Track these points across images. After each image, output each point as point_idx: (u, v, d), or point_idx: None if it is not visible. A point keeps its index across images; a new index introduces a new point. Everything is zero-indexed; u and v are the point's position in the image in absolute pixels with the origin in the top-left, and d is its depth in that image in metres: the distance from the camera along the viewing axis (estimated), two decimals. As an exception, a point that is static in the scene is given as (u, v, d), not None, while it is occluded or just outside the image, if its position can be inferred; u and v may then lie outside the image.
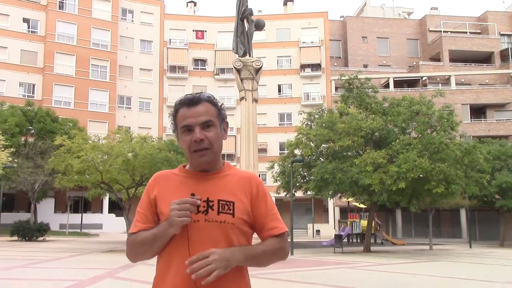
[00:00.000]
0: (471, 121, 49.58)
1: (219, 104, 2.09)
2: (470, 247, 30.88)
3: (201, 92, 2.08)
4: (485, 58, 56.38)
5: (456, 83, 51.86)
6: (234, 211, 1.97)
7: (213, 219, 1.95)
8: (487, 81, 53.57)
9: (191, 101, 2.02)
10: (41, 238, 31.08)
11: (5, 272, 13.53)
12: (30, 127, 37.67)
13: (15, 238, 30.41)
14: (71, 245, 27.31)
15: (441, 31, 57.01)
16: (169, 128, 47.75)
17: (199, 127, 1.98)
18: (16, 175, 32.82)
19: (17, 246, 25.83)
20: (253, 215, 2.03)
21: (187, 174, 2.07)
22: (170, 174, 2.11)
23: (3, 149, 28.43)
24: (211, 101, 2.06)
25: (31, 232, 30.36)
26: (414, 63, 56.71)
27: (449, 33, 56.79)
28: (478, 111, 51.47)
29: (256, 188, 2.06)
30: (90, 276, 12.38)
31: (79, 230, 41.84)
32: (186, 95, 2.08)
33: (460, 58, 55.49)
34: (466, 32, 57.63)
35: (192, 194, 1.91)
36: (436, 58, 56.05)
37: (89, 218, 45.12)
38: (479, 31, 58.66)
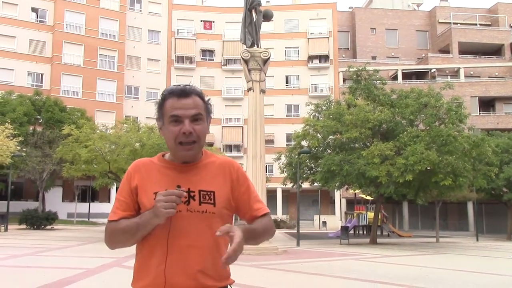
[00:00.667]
0: (479, 113, 49.26)
1: (207, 99, 2.09)
2: (477, 240, 30.81)
3: (188, 85, 2.07)
4: (495, 51, 55.88)
5: (465, 76, 51.49)
6: (215, 201, 2.00)
7: (195, 209, 1.97)
8: (496, 73, 53.13)
9: (182, 92, 2.01)
10: (49, 227, 31.34)
11: (14, 260, 13.67)
12: (39, 117, 37.85)
13: (24, 226, 30.70)
14: (79, 233, 27.51)
15: (450, 22, 56.54)
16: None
17: (188, 120, 1.98)
18: (25, 164, 33.03)
19: (25, 234, 26.05)
20: (234, 200, 2.07)
21: (167, 165, 2.06)
22: (150, 163, 2.10)
23: (11, 138, 28.58)
24: (200, 94, 2.06)
25: (39, 220, 30.63)
26: (423, 55, 56.31)
27: (458, 25, 56.30)
28: (487, 104, 51.12)
29: (236, 174, 2.09)
30: (97, 265, 12.48)
31: (86, 219, 42.14)
32: (174, 85, 2.08)
33: (470, 50, 55.03)
34: (476, 24, 57.10)
35: (178, 186, 1.91)
36: (445, 50, 55.62)
37: (97, 207, 45.38)
38: (489, 23, 58.10)
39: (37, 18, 47.38)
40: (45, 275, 10.25)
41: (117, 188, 39.47)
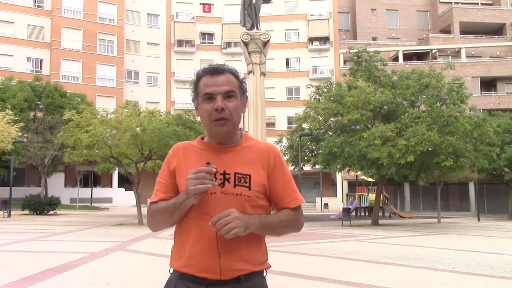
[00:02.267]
0: (481, 94, 49.10)
1: (241, 78, 2.09)
2: (478, 220, 30.93)
3: (223, 65, 2.08)
4: (496, 30, 55.49)
5: (466, 56, 51.19)
6: (251, 184, 1.98)
7: (229, 191, 1.96)
8: (498, 53, 52.84)
9: (215, 70, 2.02)
10: (52, 212, 31.51)
11: (18, 245, 13.76)
12: (39, 102, 37.82)
13: (27, 212, 30.86)
14: (81, 218, 27.66)
15: (451, 2, 56.05)
16: (177, 102, 47.64)
17: (221, 96, 1.98)
18: (26, 150, 33.11)
19: (28, 219, 26.20)
20: (269, 187, 2.04)
21: (205, 147, 2.07)
22: (189, 145, 2.11)
23: (12, 124, 28.61)
24: (234, 73, 2.06)
25: (42, 206, 30.79)
26: (424, 36, 55.94)
27: (460, 4, 55.85)
28: (488, 84, 50.92)
29: (274, 160, 2.06)
30: (101, 249, 12.56)
31: (89, 204, 42.34)
32: (209, 65, 2.08)
33: (471, 30, 54.63)
34: (477, 4, 56.64)
35: (208, 163, 1.91)
36: (447, 30, 55.24)
37: (99, 192, 45.58)
38: (491, 2, 57.62)
39: (35, 3, 47.07)
40: (49, 259, 10.33)
41: (119, 173, 39.73)
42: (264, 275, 2.08)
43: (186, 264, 1.96)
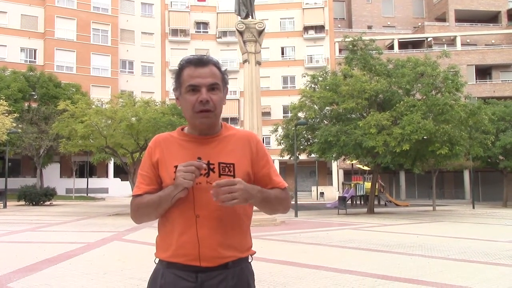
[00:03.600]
0: (476, 82, 49.15)
1: (224, 69, 2.10)
2: (473, 207, 31.10)
3: (205, 55, 2.08)
4: (491, 18, 55.42)
5: (461, 44, 51.16)
6: (235, 173, 2.00)
7: (215, 181, 1.95)
8: (493, 41, 52.83)
9: (199, 61, 2.02)
10: (48, 203, 31.47)
11: (14, 235, 13.75)
12: (33, 93, 37.62)
13: (22, 202, 30.80)
14: (77, 209, 27.65)
15: (447, -10, 55.86)
16: (172, 92, 47.92)
17: (205, 88, 1.99)
18: (21, 140, 32.99)
19: (24, 210, 26.17)
20: (254, 173, 2.07)
21: (187, 138, 2.07)
22: (169, 137, 2.11)
23: (7, 114, 28.46)
24: (217, 64, 2.07)
25: (38, 196, 30.74)
26: (419, 24, 55.84)
27: (455, -8, 55.65)
28: (483, 72, 50.96)
29: (256, 147, 2.09)
30: (97, 239, 12.57)
31: (85, 195, 42.31)
32: (191, 55, 2.09)
33: (466, 18, 54.54)
34: (472, -9, 56.45)
35: (199, 158, 1.93)
36: (442, 19, 55.13)
37: (95, 182, 45.52)
38: (486, -10, 57.44)
39: (28, -8, 46.63)
40: (45, 250, 10.33)
41: (114, 163, 39.73)
42: (249, 260, 2.12)
43: (173, 254, 1.98)
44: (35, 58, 45.78)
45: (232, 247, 2.00)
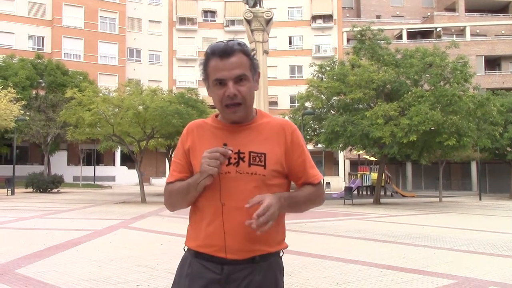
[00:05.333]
0: (485, 73, 48.78)
1: (252, 54, 2.01)
2: (480, 199, 31.01)
3: (233, 40, 1.99)
4: (501, 8, 54.88)
5: (471, 34, 50.72)
6: (266, 163, 1.94)
7: (244, 171, 1.92)
8: (503, 31, 52.31)
9: (224, 52, 1.92)
10: (55, 190, 31.68)
11: (22, 222, 13.86)
12: (41, 80, 37.73)
13: (30, 190, 31.03)
14: (85, 196, 27.82)
15: (457, -21, 55.32)
16: (179, 81, 47.48)
17: (232, 81, 1.91)
18: (29, 128, 33.13)
19: (32, 197, 26.37)
20: (287, 164, 2.00)
21: (219, 125, 2.03)
22: (203, 124, 2.07)
23: (14, 102, 28.57)
24: (244, 51, 1.97)
25: (46, 184, 30.95)
26: (429, 14, 55.38)
27: (465, -19, 55.11)
28: (492, 63, 50.55)
29: (291, 136, 2.02)
30: (104, 226, 12.64)
31: (92, 182, 42.54)
32: (218, 42, 1.98)
33: (476, 8, 54.03)
34: (483, -19, 55.87)
35: (225, 144, 1.88)
36: (451, 9, 54.64)
37: (102, 170, 45.75)
38: (497, -20, 56.82)
39: (36, -20, 46.61)
40: (53, 237, 10.41)
41: (121, 151, 39.81)
42: (280, 255, 2.06)
43: (202, 244, 1.95)
44: (42, 46, 45.85)
45: (261, 240, 1.91)
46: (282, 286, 2.05)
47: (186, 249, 2.05)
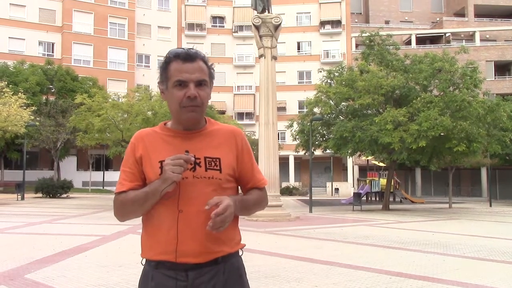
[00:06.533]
0: (495, 78, 48.49)
1: (210, 64, 2.06)
2: (490, 205, 30.77)
3: (192, 49, 2.04)
4: (511, 13, 54.58)
5: (480, 39, 50.48)
6: (221, 167, 1.98)
7: (201, 175, 1.95)
8: (513, 37, 52.03)
9: (187, 56, 1.97)
10: (64, 195, 31.83)
11: (31, 227, 13.94)
12: (51, 86, 38.00)
13: (40, 195, 31.20)
14: (94, 201, 27.92)
15: (466, -15, 55.15)
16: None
17: (193, 84, 1.95)
18: (39, 133, 33.36)
19: (41, 202, 26.50)
20: (238, 168, 2.06)
21: (171, 133, 2.04)
22: (152, 133, 2.07)
23: (25, 107, 28.77)
24: (205, 59, 2.03)
25: (55, 189, 31.10)
26: (438, 19, 55.20)
27: (474, -13, 54.92)
28: (503, 68, 50.24)
29: (241, 143, 2.08)
30: (113, 232, 12.68)
31: (101, 187, 42.70)
32: (178, 48, 2.03)
33: (486, 13, 53.78)
34: (492, -14, 55.64)
35: (187, 151, 1.91)
36: (461, 14, 54.45)
37: (111, 175, 45.87)
38: (506, -15, 56.57)
39: (46, -14, 47.04)
40: (62, 242, 10.45)
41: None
42: (240, 254, 2.09)
43: (162, 251, 1.93)
44: (53, 52, 46.21)
45: (220, 241, 1.95)
46: (247, 284, 2.07)
47: (144, 262, 2.03)
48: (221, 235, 1.94)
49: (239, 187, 2.13)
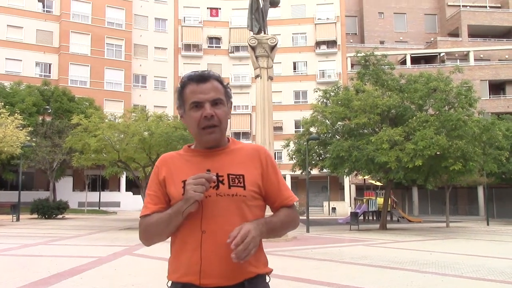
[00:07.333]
0: (489, 97, 48.81)
1: (226, 84, 2.08)
2: (488, 224, 30.71)
3: (206, 70, 2.07)
4: (504, 33, 55.21)
5: (474, 59, 50.92)
6: (245, 184, 1.96)
7: (225, 193, 1.93)
8: (507, 56, 52.51)
9: (201, 78, 2.00)
10: (60, 216, 31.63)
11: (26, 249, 13.81)
12: (47, 107, 38.02)
13: (35, 216, 30.99)
14: (90, 222, 27.74)
15: (460, 5, 55.86)
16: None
17: (209, 104, 1.96)
18: (35, 154, 33.27)
19: (37, 223, 26.31)
20: (264, 185, 2.02)
21: (194, 153, 2.05)
22: (176, 155, 2.09)
23: (21, 128, 28.75)
24: (219, 79, 2.05)
25: (51, 210, 30.92)
26: (432, 39, 55.76)
27: (468, 7, 55.62)
28: (497, 87, 50.61)
29: (265, 160, 2.05)
30: (109, 253, 12.58)
31: (97, 208, 42.47)
32: (192, 71, 2.06)
33: (479, 33, 54.37)
34: (485, 6, 56.39)
35: (208, 170, 1.89)
36: (455, 34, 55.02)
37: (107, 196, 45.70)
38: (499, 5, 57.34)
39: (44, 8, 47.41)
40: (57, 264, 10.35)
41: (127, 177, 39.83)
42: (267, 280, 2.04)
43: (187, 273, 1.91)
44: (49, 73, 46.36)
45: (248, 262, 1.88)
46: None
47: (170, 285, 2.01)
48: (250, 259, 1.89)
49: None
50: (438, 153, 22.15)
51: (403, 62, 51.91)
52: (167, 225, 1.93)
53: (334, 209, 43.90)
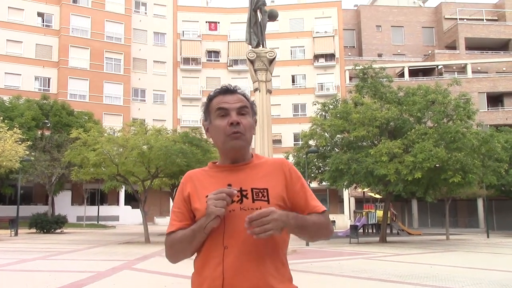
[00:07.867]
0: (488, 109, 48.94)
1: (251, 100, 2.12)
2: (488, 237, 30.61)
3: (234, 86, 2.11)
4: (502, 46, 55.52)
5: (472, 71, 51.15)
6: (269, 198, 1.95)
7: (249, 207, 1.92)
8: (504, 68, 52.77)
9: (227, 90, 2.06)
10: (59, 230, 31.48)
11: (24, 264, 13.73)
12: (46, 121, 38.03)
13: (34, 230, 30.84)
14: (88, 237, 27.61)
15: (457, 18, 56.23)
16: (184, 120, 47.68)
17: (235, 111, 2.00)
18: (34, 168, 33.20)
19: (35, 238, 26.18)
20: (290, 199, 2.01)
21: (218, 169, 2.06)
22: (201, 171, 2.10)
23: (20, 142, 28.72)
24: (245, 95, 2.10)
25: (49, 224, 30.79)
26: (430, 52, 56.04)
27: (465, 20, 55.97)
28: (495, 100, 50.77)
29: (289, 172, 2.04)
30: (107, 268, 12.51)
31: (96, 222, 42.31)
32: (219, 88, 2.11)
33: (477, 46, 54.67)
34: (482, 19, 56.76)
35: (229, 185, 1.89)
36: (452, 46, 55.32)
37: (106, 210, 45.56)
38: (496, 18, 57.74)
39: (43, 22, 47.66)
40: (56, 279, 10.29)
41: (125, 191, 39.67)
42: None
43: (209, 287, 1.89)
44: (48, 87, 46.45)
45: (268, 274, 1.88)
46: None
47: None
48: (269, 269, 1.88)
49: None
50: (437, 165, 22.15)
51: (401, 75, 52.12)
52: (191, 241, 1.93)
53: (333, 222, 43.68)
